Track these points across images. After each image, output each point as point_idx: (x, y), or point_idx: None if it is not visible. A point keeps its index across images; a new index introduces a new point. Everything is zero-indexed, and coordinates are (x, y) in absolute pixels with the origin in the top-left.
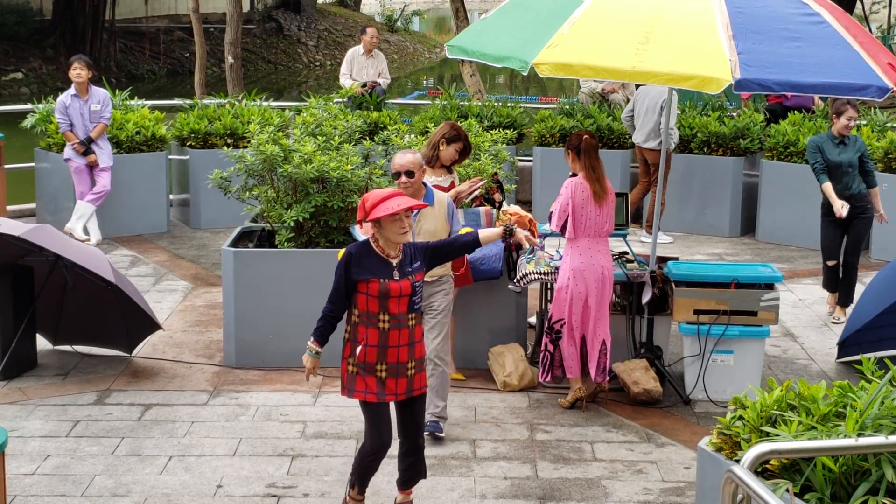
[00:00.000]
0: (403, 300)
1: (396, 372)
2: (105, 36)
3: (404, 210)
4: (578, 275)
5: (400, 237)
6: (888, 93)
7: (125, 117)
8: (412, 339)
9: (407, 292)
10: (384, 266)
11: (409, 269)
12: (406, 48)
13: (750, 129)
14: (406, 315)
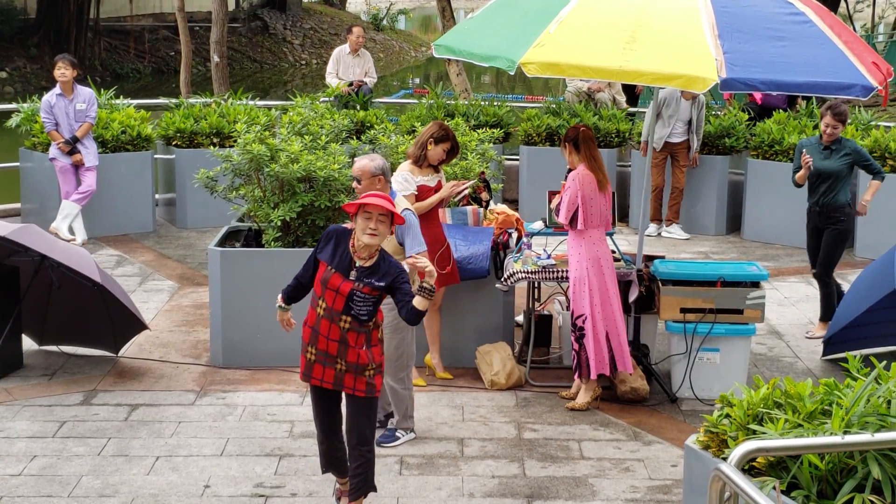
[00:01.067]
0: (340, 299)
1: (324, 361)
2: (90, 35)
3: (379, 210)
4: (595, 265)
5: (364, 236)
6: (872, 92)
7: (110, 116)
8: (343, 339)
9: (343, 292)
10: (346, 260)
11: (366, 280)
12: (392, 47)
13: (735, 128)
14: (339, 314)
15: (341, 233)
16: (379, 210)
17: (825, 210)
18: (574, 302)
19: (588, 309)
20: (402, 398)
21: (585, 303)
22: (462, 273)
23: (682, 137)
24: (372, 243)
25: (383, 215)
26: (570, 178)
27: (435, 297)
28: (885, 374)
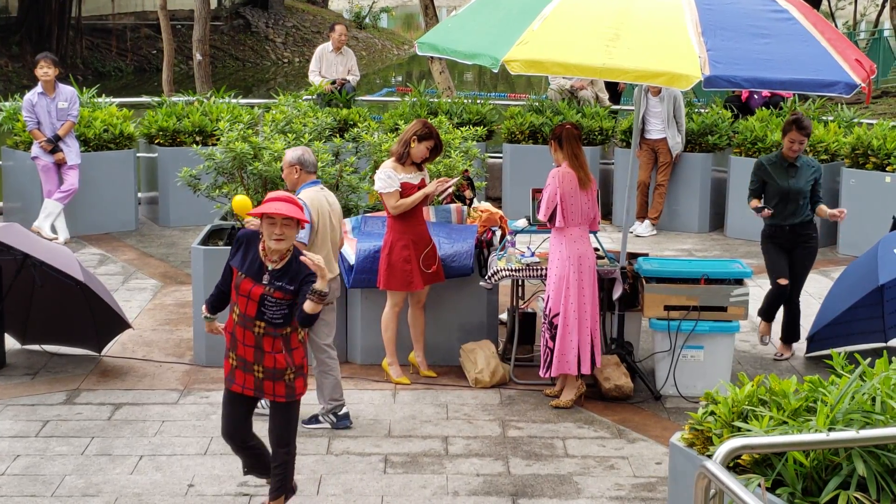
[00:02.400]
0: (252, 304)
1: (244, 367)
2: (71, 33)
3: (280, 216)
4: (574, 263)
5: (271, 242)
6: (856, 89)
7: (93, 115)
8: (258, 344)
9: (255, 297)
10: (257, 264)
11: (277, 284)
12: (375, 45)
13: (718, 126)
14: (253, 319)
15: (251, 237)
16: (281, 216)
17: (795, 229)
18: (552, 300)
19: (563, 308)
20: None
21: (562, 301)
22: (446, 271)
23: (661, 134)
24: (279, 248)
25: (288, 219)
26: (549, 176)
27: (419, 296)
28: (870, 371)
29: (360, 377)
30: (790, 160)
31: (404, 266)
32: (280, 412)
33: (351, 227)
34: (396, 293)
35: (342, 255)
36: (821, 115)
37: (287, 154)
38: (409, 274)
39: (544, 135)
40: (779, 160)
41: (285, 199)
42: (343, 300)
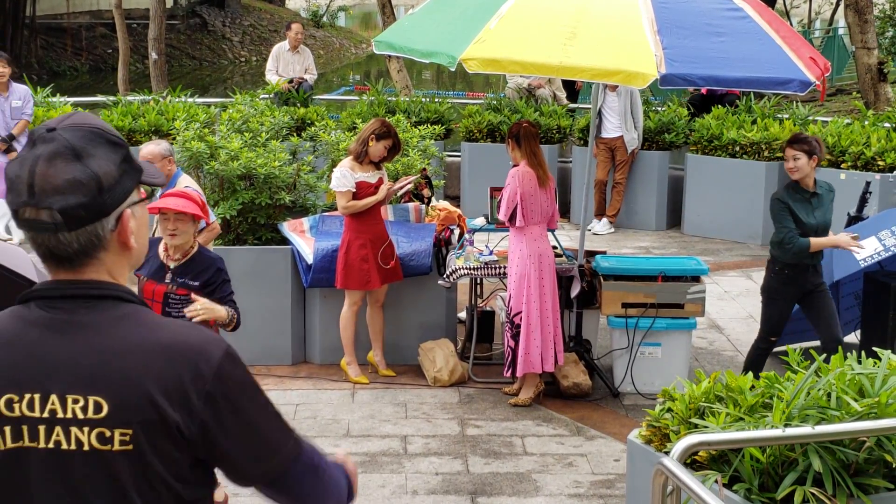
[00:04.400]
0: (156, 306)
1: None
2: (26, 32)
3: (174, 212)
4: (535, 262)
5: (166, 237)
6: (810, 87)
7: (47, 115)
8: None
9: (158, 298)
10: (157, 264)
11: (180, 281)
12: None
13: (675, 124)
14: None
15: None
16: (174, 212)
17: (817, 268)
18: (514, 299)
19: (525, 306)
20: None
21: (524, 300)
22: (404, 270)
23: (618, 132)
24: (175, 244)
25: (180, 213)
26: (509, 176)
27: (378, 294)
28: (825, 367)
29: (318, 377)
30: (809, 190)
31: (362, 265)
32: None
33: (309, 227)
34: (354, 292)
35: (300, 254)
36: (776, 113)
37: (152, 148)
38: (367, 273)
39: (502, 133)
40: (795, 190)
41: (180, 195)
42: (301, 300)
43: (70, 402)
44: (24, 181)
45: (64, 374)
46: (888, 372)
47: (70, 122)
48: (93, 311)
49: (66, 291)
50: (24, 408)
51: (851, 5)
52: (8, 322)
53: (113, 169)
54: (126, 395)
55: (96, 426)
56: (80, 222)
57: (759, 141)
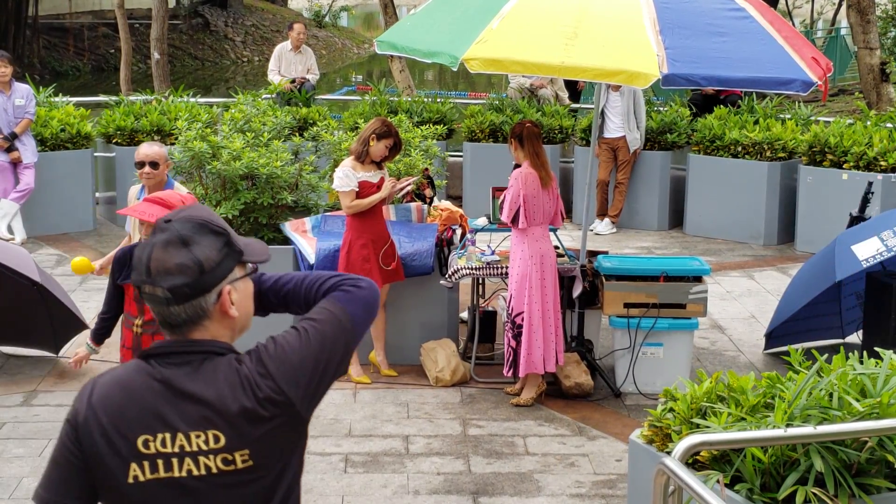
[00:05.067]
0: (133, 305)
1: None
2: (28, 32)
3: (144, 222)
4: (536, 262)
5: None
6: (812, 87)
7: (49, 114)
8: (136, 345)
9: (132, 298)
10: None
11: None
12: (335, 44)
13: (677, 124)
14: (133, 320)
15: (130, 251)
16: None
17: None
18: (515, 299)
19: (528, 307)
20: None
21: (525, 300)
22: (406, 270)
23: (620, 133)
24: None
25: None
26: (512, 177)
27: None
28: (827, 367)
29: None
30: None
31: (363, 265)
32: None
33: (311, 227)
34: None
35: (302, 255)
36: (778, 113)
37: (157, 150)
38: (368, 273)
39: (504, 133)
40: None
41: (156, 202)
42: None
43: (194, 438)
44: (143, 263)
45: (184, 415)
46: (890, 372)
47: (183, 215)
48: (198, 365)
49: (178, 350)
50: (157, 446)
51: (854, 5)
52: (134, 376)
53: (214, 254)
54: (236, 425)
55: (219, 453)
56: (186, 298)
57: (762, 141)
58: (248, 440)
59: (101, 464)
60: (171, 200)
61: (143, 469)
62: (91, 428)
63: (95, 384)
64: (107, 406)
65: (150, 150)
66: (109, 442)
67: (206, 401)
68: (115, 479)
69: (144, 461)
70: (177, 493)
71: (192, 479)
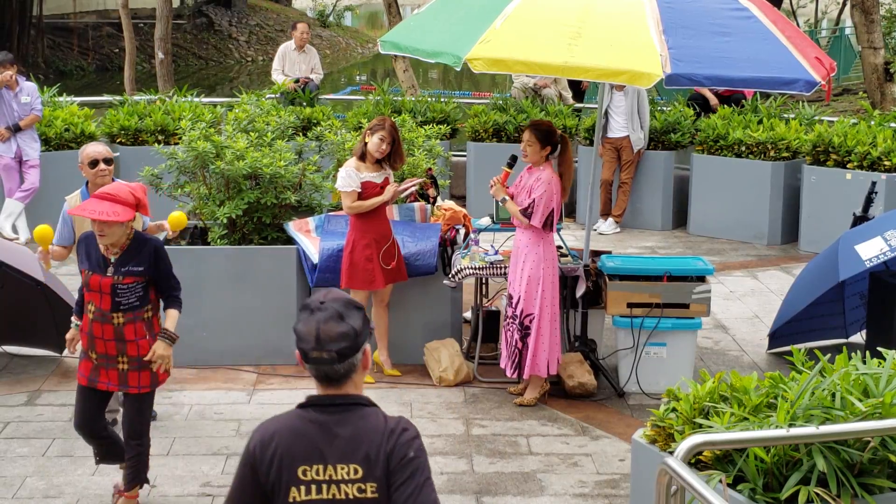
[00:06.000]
0: (105, 297)
1: (107, 363)
2: (32, 32)
3: (97, 220)
4: (551, 266)
5: (98, 238)
6: (816, 87)
7: (54, 114)
8: (120, 335)
9: (106, 290)
10: (99, 258)
11: (123, 270)
12: (338, 43)
13: (680, 124)
14: (109, 312)
15: (89, 236)
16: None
17: None
18: (525, 301)
19: (538, 309)
20: None
21: (537, 302)
22: (410, 270)
23: (624, 132)
24: (105, 244)
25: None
26: (543, 182)
27: (382, 294)
28: (830, 367)
29: None
30: None
31: (366, 265)
32: (135, 404)
33: (314, 226)
34: (359, 292)
35: (305, 254)
36: (782, 113)
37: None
38: (372, 273)
39: (508, 133)
40: None
41: (105, 198)
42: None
43: (339, 469)
44: (313, 335)
45: (335, 452)
46: (893, 372)
47: (331, 297)
48: (348, 413)
49: (334, 402)
50: (312, 474)
51: (858, 5)
52: (296, 421)
53: (360, 323)
54: (370, 462)
55: (356, 483)
56: (346, 357)
57: (765, 141)
58: (377, 476)
59: (270, 486)
60: (120, 194)
61: (299, 491)
62: (264, 460)
63: (266, 428)
64: (276, 439)
65: (100, 147)
66: (277, 470)
67: (352, 441)
68: (280, 499)
69: (301, 486)
70: None
71: (334, 501)
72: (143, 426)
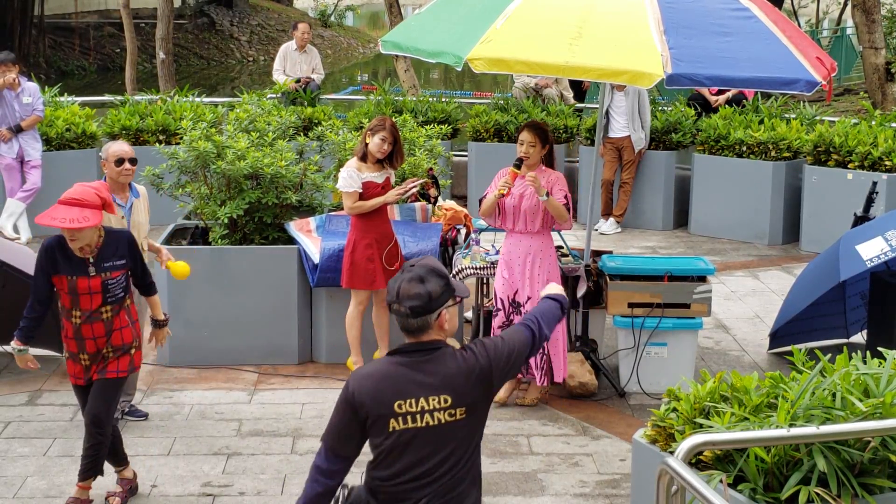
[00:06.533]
0: (96, 297)
1: (97, 359)
2: (34, 32)
3: (67, 229)
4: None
5: (70, 243)
6: (817, 87)
7: (55, 114)
8: (109, 329)
9: (97, 289)
10: (77, 261)
11: (106, 265)
12: (340, 43)
13: (682, 124)
14: (99, 309)
15: (56, 243)
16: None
17: None
18: None
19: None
20: None
21: None
22: None
23: (625, 132)
24: (76, 247)
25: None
26: (560, 180)
27: (384, 294)
28: (830, 367)
29: (325, 376)
30: None
31: (367, 265)
32: (105, 390)
33: (315, 226)
34: (360, 292)
35: (306, 254)
36: (783, 113)
37: (129, 147)
38: (372, 273)
39: (509, 133)
40: None
41: (75, 203)
42: (307, 299)
43: (431, 400)
44: (395, 290)
45: (423, 387)
46: (893, 372)
47: (421, 262)
48: (430, 355)
49: (416, 348)
50: (407, 407)
51: (859, 5)
52: (388, 366)
53: (438, 289)
54: (457, 391)
55: (446, 409)
56: (418, 315)
57: (766, 141)
58: (465, 400)
59: (371, 420)
60: (87, 198)
61: (398, 422)
62: (363, 400)
63: (363, 374)
64: (370, 384)
65: (126, 146)
66: (376, 408)
67: (438, 375)
68: (380, 430)
69: (398, 417)
70: (419, 436)
71: (429, 427)
72: (108, 415)
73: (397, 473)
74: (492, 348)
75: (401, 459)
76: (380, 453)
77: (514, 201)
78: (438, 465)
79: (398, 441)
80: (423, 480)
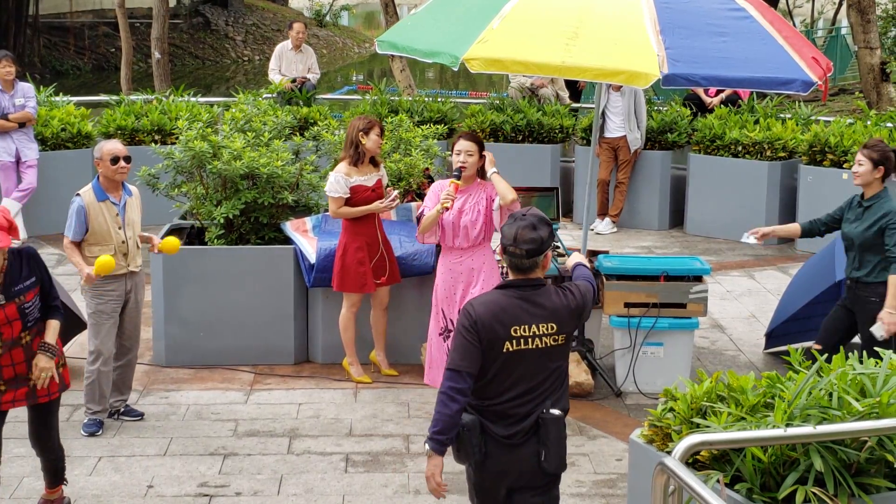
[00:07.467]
0: (15, 324)
1: (16, 384)
2: (29, 31)
3: None
4: None
5: None
6: (812, 87)
7: (50, 114)
8: (29, 354)
9: (13, 316)
10: None
11: (16, 289)
12: (335, 43)
13: (677, 123)
14: (20, 334)
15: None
16: None
17: (854, 287)
18: None
19: None
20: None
21: None
22: (407, 270)
23: (621, 132)
24: None
25: None
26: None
27: (380, 295)
28: (827, 367)
29: (321, 376)
30: (861, 201)
31: (358, 268)
32: (43, 415)
33: (311, 226)
34: (352, 295)
35: (302, 254)
36: (778, 113)
37: (122, 145)
38: (363, 276)
39: (505, 133)
40: (859, 199)
41: None
42: (304, 299)
43: (541, 327)
44: (512, 235)
45: (534, 315)
46: (889, 372)
47: (531, 212)
48: (537, 290)
49: (526, 283)
50: (521, 332)
51: (854, 5)
52: (503, 297)
53: (546, 235)
54: (561, 320)
55: (552, 335)
56: (531, 256)
57: (762, 141)
58: (566, 329)
59: (490, 342)
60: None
61: (512, 344)
62: (484, 323)
63: (483, 303)
64: (490, 311)
65: (119, 144)
66: (496, 331)
67: (546, 307)
68: (497, 350)
69: (513, 340)
70: (529, 356)
71: (537, 350)
72: (53, 438)
73: (506, 390)
74: (584, 290)
75: (510, 377)
76: (492, 374)
77: (453, 217)
78: (541, 382)
79: (509, 360)
80: (527, 397)
